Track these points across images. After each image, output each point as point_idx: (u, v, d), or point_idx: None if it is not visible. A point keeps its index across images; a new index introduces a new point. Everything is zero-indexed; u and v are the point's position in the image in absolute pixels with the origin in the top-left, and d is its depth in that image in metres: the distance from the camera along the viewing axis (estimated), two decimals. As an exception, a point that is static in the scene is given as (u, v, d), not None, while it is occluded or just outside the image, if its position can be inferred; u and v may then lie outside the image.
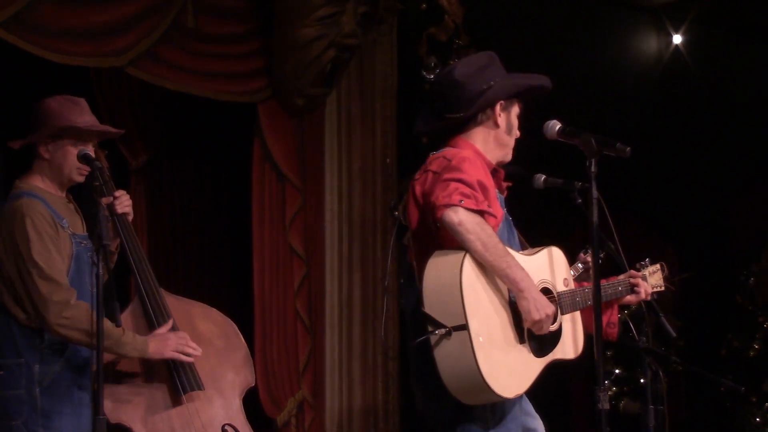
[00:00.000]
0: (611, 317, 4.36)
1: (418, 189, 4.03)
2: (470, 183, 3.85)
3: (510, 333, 3.90)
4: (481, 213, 3.82)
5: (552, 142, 4.08)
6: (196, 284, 7.27)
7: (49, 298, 4.24)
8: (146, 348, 4.37)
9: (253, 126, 7.01)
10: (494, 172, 4.10)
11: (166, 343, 4.42)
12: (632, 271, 4.41)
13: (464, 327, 3.76)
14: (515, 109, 4.17)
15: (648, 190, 8.61)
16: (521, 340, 3.92)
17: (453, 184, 3.83)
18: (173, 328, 4.51)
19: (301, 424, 7.01)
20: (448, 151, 4.05)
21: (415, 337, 3.88)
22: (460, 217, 3.78)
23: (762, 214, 9.11)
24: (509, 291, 3.92)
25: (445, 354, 3.79)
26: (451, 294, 3.79)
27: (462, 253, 3.82)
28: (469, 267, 3.82)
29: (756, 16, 8.59)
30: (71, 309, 4.25)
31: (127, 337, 4.32)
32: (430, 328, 3.80)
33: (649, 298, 4.38)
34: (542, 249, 4.13)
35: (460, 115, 4.10)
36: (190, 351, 4.45)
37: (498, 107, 4.11)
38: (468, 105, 4.08)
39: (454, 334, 3.77)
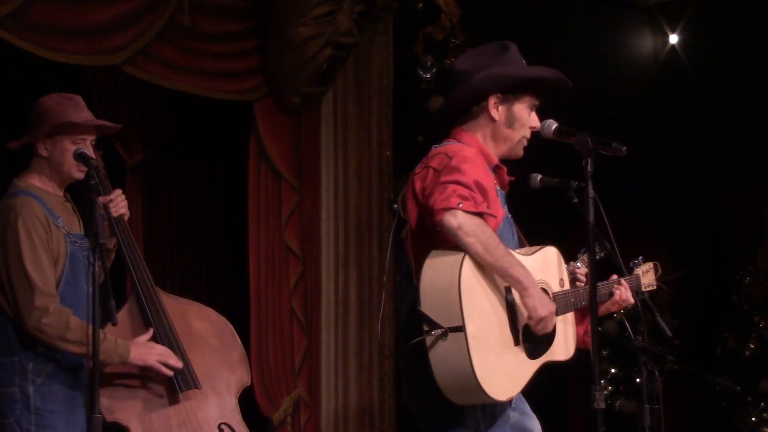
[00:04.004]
0: (588, 326, 4.33)
1: (418, 184, 3.97)
2: (468, 184, 3.81)
3: (506, 335, 3.88)
4: (480, 215, 3.79)
5: (548, 141, 4.05)
6: (192, 283, 7.28)
7: (30, 303, 4.24)
8: (127, 354, 4.36)
9: (250, 124, 7.02)
10: (496, 168, 4.05)
11: (150, 352, 4.41)
12: (616, 277, 4.32)
13: (461, 329, 3.73)
14: (523, 103, 4.07)
15: (644, 189, 8.62)
16: (516, 342, 3.90)
17: (451, 187, 3.79)
18: (169, 330, 4.51)
19: (297, 423, 7.02)
20: (450, 147, 4.00)
21: (410, 335, 3.85)
22: (459, 221, 3.73)
23: (758, 213, 9.12)
24: (506, 292, 3.90)
25: (439, 354, 3.76)
26: (448, 295, 3.75)
27: (461, 254, 3.79)
28: (468, 268, 3.79)
29: (752, 16, 8.59)
30: (50, 316, 4.24)
31: (107, 342, 4.30)
32: (426, 328, 3.78)
33: (622, 307, 4.31)
34: (539, 249, 4.10)
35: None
36: (172, 363, 4.44)
37: (492, 100, 4.04)
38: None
39: (450, 335, 3.74)
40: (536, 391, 4.02)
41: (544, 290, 4.02)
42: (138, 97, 6.94)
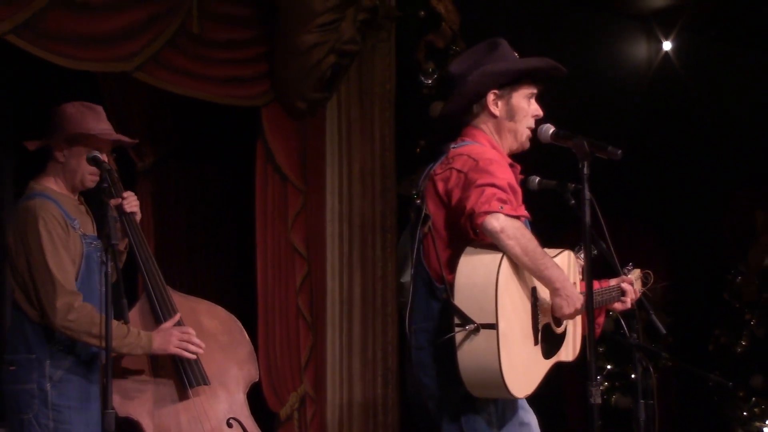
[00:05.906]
0: (597, 318, 4.31)
1: (440, 185, 4.02)
2: (503, 187, 3.87)
3: (528, 335, 3.96)
4: (518, 218, 3.87)
5: (546, 145, 4.12)
6: (201, 282, 7.26)
7: (54, 301, 4.31)
8: (150, 344, 4.43)
9: (257, 129, 7.01)
10: (511, 166, 4.10)
11: (169, 339, 4.46)
12: (625, 277, 4.41)
13: (493, 326, 3.80)
14: (521, 94, 4.13)
15: (640, 192, 8.62)
16: (536, 342, 3.98)
17: (489, 190, 3.84)
18: (179, 323, 4.56)
19: (303, 417, 7.03)
20: (471, 149, 4.05)
21: (443, 327, 3.91)
22: (501, 224, 3.80)
23: (749, 214, 9.18)
24: (532, 293, 3.98)
25: (468, 348, 3.83)
26: (485, 292, 3.82)
27: (498, 254, 3.85)
28: (505, 269, 3.86)
29: (745, 23, 8.63)
30: (75, 312, 4.32)
31: (131, 336, 4.38)
32: (457, 321, 3.84)
33: (633, 307, 4.39)
34: (559, 252, 4.16)
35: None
36: (193, 348, 4.50)
37: (491, 97, 4.10)
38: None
39: (483, 331, 3.80)
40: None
41: None
42: (148, 102, 6.91)
